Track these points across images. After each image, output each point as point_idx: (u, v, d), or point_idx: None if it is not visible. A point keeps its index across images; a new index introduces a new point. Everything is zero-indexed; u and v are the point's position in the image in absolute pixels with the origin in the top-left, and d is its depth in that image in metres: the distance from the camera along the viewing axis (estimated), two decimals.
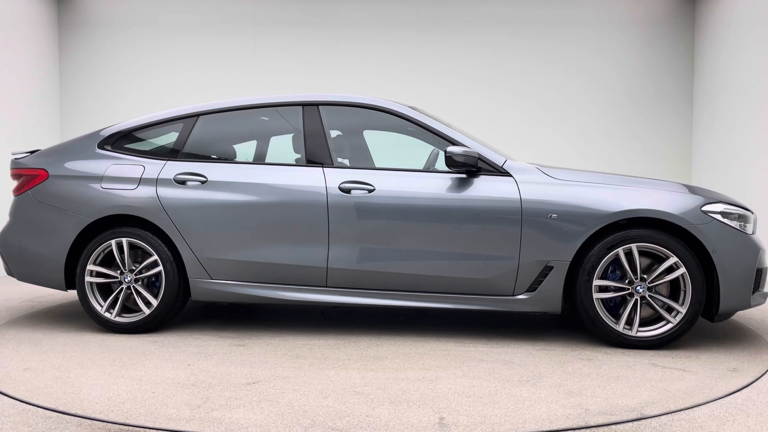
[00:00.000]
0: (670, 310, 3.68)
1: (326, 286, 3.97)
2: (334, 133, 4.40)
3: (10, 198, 5.65)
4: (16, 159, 4.46)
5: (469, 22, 7.69)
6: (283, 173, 4.04)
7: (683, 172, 7.85)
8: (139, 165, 4.18)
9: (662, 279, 3.66)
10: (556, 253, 3.73)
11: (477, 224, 3.79)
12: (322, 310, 4.72)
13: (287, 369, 3.27)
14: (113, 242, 4.10)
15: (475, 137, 4.48)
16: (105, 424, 2.47)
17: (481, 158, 3.87)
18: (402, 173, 3.98)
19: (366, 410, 2.65)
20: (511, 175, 3.85)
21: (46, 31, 7.59)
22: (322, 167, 4.01)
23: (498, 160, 3.90)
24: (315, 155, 4.07)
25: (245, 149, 4.38)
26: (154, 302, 4.06)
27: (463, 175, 3.87)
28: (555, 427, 2.48)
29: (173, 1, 7.83)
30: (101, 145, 4.31)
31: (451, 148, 3.74)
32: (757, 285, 3.87)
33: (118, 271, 4.12)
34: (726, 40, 7.02)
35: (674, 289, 3.73)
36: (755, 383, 3.10)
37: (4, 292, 5.75)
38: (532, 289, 3.78)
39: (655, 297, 3.67)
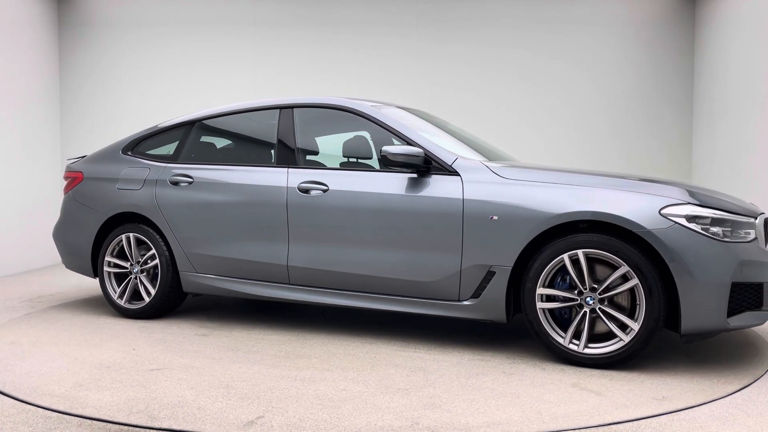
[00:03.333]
0: (626, 326, 3.26)
1: (289, 284, 4.09)
2: (352, 134, 4.48)
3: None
4: (68, 163, 5.16)
5: (468, 23, 7.76)
6: (254, 174, 4.22)
7: (683, 172, 7.64)
8: (146, 168, 4.63)
9: (615, 290, 3.26)
10: (498, 258, 3.48)
11: (420, 225, 3.67)
12: (322, 310, 4.82)
13: (204, 360, 3.46)
14: (123, 237, 4.60)
15: (460, 133, 4.35)
16: (105, 424, 2.52)
17: (429, 157, 3.73)
18: (358, 173, 3.97)
19: (206, 403, 2.75)
20: (459, 174, 3.66)
21: (46, 31, 7.64)
22: (288, 168, 4.13)
23: (448, 158, 3.73)
24: (284, 156, 4.21)
25: (241, 150, 4.63)
26: (153, 292, 4.48)
27: (414, 175, 3.76)
28: None
29: (173, 1, 7.89)
30: (125, 151, 4.84)
31: (386, 148, 3.65)
32: (758, 302, 3.29)
33: (129, 263, 4.60)
34: (726, 40, 6.86)
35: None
36: (755, 383, 3.05)
37: (4, 292, 5.69)
38: (476, 295, 3.56)
39: (605, 310, 3.27)
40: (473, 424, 2.52)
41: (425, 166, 3.71)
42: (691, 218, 3.18)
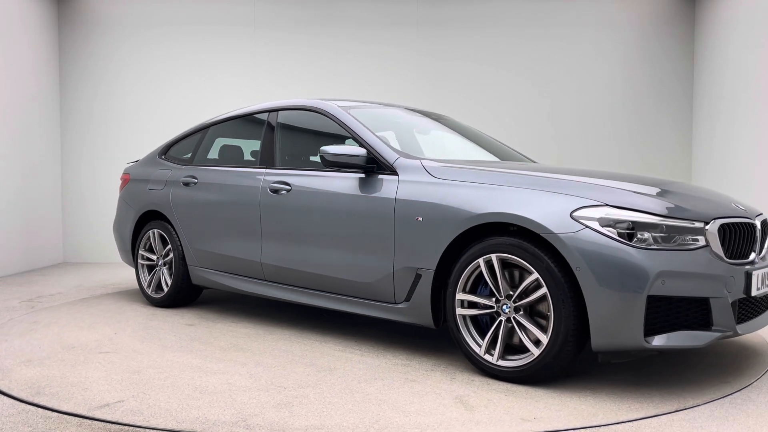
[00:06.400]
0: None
1: (264, 280, 4.26)
2: (382, 133, 4.56)
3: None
4: (126, 166, 5.79)
5: (467, 24, 7.65)
6: (242, 175, 4.44)
7: (683, 173, 7.62)
8: (169, 170, 5.07)
9: (528, 298, 3.00)
10: (423, 260, 3.35)
11: (360, 225, 3.64)
12: (322, 311, 4.89)
13: (155, 347, 3.74)
14: (150, 232, 5.08)
15: (480, 136, 4.65)
16: (105, 424, 2.53)
17: (374, 157, 3.68)
18: (318, 173, 4.00)
19: (97, 385, 3.00)
20: (398, 174, 3.58)
21: (46, 31, 7.55)
22: (266, 169, 4.30)
23: (390, 158, 3.65)
24: (266, 157, 4.38)
25: (237, 153, 4.88)
26: (169, 283, 4.91)
27: (362, 175, 3.73)
28: (184, 428, 2.49)
29: (173, 2, 7.85)
30: (160, 155, 5.33)
31: (324, 148, 3.66)
32: (704, 321, 2.85)
33: (156, 257, 5.07)
34: (726, 40, 6.90)
35: None
36: (755, 383, 3.07)
37: (4, 292, 5.75)
38: (408, 298, 3.47)
39: (518, 320, 3.03)
40: (295, 426, 2.49)
41: (370, 165, 3.67)
42: (606, 222, 2.82)
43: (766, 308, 3.33)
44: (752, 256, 3.13)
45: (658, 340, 2.77)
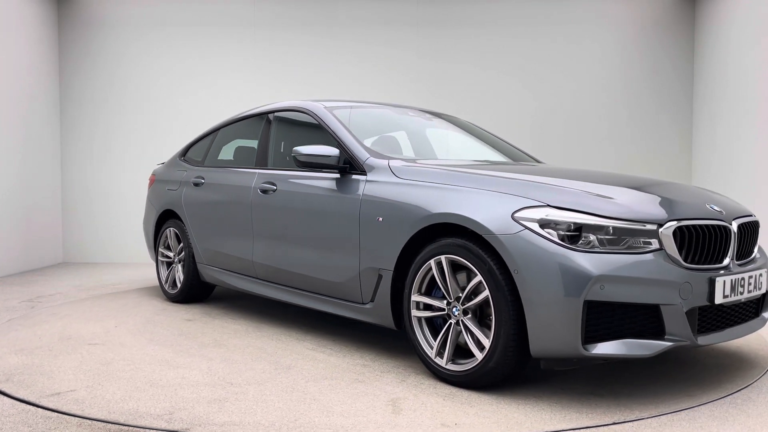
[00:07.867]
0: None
1: (256, 278, 4.36)
2: (395, 133, 4.60)
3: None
4: (154, 167, 6.07)
5: (467, 24, 7.61)
6: (239, 176, 4.55)
7: (683, 172, 7.64)
8: (184, 171, 5.26)
9: (473, 300, 2.92)
10: (383, 261, 3.33)
11: (331, 225, 3.65)
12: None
13: (142, 341, 3.90)
14: (167, 231, 5.30)
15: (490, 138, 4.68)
16: (105, 424, 2.54)
17: (348, 157, 3.68)
18: (300, 173, 4.03)
19: (61, 374, 3.17)
20: (366, 174, 3.56)
21: (46, 31, 7.54)
22: (259, 169, 4.39)
23: (362, 157, 3.64)
24: (260, 158, 4.47)
25: (239, 154, 4.99)
26: (182, 280, 5.11)
27: (338, 175, 3.74)
28: (112, 419, 2.60)
29: (173, 2, 7.80)
30: (180, 156, 5.55)
31: (297, 148, 3.69)
32: (656, 329, 2.69)
33: (172, 254, 5.29)
34: (726, 40, 6.95)
35: None
36: (755, 383, 3.08)
37: (4, 292, 5.78)
38: (372, 298, 3.45)
39: (465, 323, 2.95)
40: (214, 422, 2.54)
41: (344, 165, 3.68)
42: (545, 223, 2.71)
43: (750, 318, 3.10)
44: (726, 261, 2.91)
45: (600, 348, 2.63)
